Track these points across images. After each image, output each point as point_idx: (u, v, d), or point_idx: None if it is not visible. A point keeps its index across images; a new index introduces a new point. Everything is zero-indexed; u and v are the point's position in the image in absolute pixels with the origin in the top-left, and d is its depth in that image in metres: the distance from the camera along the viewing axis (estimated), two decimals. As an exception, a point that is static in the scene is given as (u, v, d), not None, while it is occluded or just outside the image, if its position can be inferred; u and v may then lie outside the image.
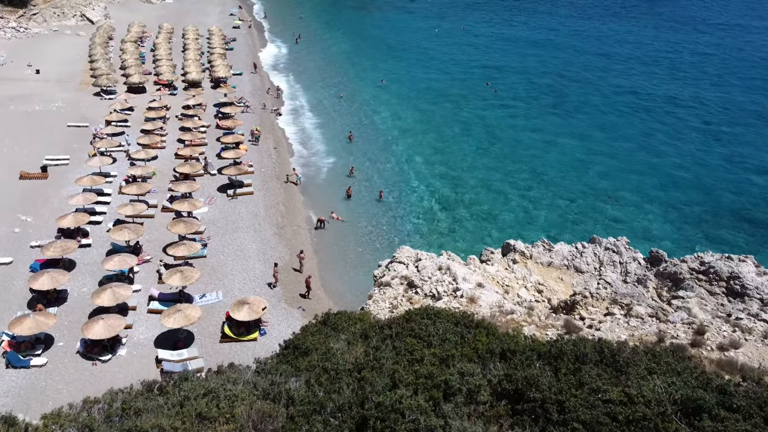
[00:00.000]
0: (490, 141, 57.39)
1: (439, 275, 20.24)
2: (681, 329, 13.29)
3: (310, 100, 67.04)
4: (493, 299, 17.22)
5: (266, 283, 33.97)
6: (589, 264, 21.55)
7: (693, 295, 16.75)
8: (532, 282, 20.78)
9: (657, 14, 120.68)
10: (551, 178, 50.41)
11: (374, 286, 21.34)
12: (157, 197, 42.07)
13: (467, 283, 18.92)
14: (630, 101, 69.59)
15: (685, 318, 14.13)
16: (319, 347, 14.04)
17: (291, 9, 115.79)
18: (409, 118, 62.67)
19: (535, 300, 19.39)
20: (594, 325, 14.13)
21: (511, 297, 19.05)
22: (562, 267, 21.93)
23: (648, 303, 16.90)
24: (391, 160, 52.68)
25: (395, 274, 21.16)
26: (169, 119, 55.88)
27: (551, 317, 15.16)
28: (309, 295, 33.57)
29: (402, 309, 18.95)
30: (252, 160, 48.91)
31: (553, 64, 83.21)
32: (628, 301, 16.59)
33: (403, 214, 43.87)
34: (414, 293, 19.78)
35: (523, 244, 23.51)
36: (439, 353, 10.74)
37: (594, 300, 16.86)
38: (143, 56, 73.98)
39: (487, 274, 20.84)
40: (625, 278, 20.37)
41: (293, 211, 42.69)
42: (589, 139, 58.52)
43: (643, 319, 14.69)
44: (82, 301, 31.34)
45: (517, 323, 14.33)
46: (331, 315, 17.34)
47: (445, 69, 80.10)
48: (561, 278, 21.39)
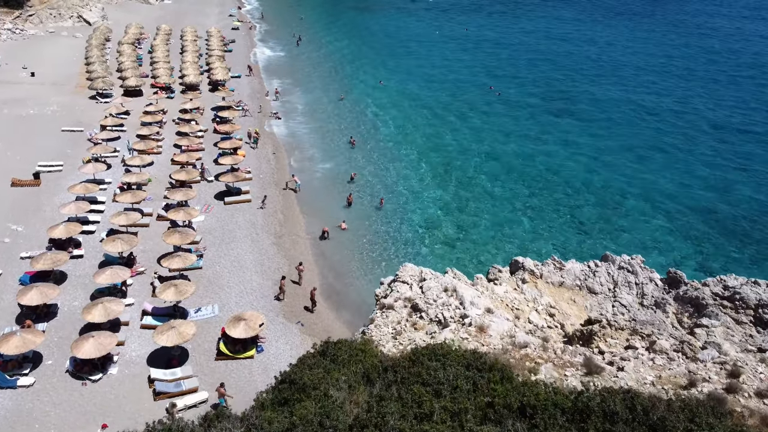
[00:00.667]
0: (494, 146, 56.23)
1: (445, 298, 19.12)
2: (712, 370, 12.19)
3: (310, 103, 65.91)
4: (504, 328, 16.10)
5: (273, 296, 32.80)
6: (602, 285, 20.42)
7: (718, 324, 15.62)
8: (543, 305, 19.65)
9: (662, 15, 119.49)
10: (556, 185, 49.25)
11: (376, 307, 20.21)
12: (152, 205, 40.96)
13: (475, 308, 17.79)
14: (636, 104, 68.40)
15: (715, 356, 13.02)
16: (318, 385, 12.93)
17: (291, 9, 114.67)
18: (411, 122, 61.55)
19: (548, 325, 18.26)
20: (615, 362, 13.00)
21: (522, 323, 17.93)
22: (575, 287, 20.80)
23: (670, 332, 15.78)
24: (392, 165, 51.54)
25: (398, 296, 20.03)
26: (165, 123, 54.76)
27: (568, 351, 14.02)
28: (314, 308, 32.46)
29: (406, 336, 17.85)
30: (250, 165, 47.79)
31: (557, 67, 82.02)
32: (648, 331, 15.47)
33: (405, 223, 42.72)
34: (419, 317, 18.66)
35: (533, 262, 22.38)
36: (450, 406, 9.63)
37: (612, 330, 15.73)
38: (140, 58, 72.86)
39: (496, 296, 19.71)
40: (642, 300, 19.24)
41: (292, 219, 41.55)
42: (594, 145, 57.32)
43: (668, 355, 13.57)
44: (72, 315, 30.21)
45: (532, 360, 13.21)
46: (330, 345, 16.24)
47: (447, 72, 78.92)
48: (573, 300, 20.26)
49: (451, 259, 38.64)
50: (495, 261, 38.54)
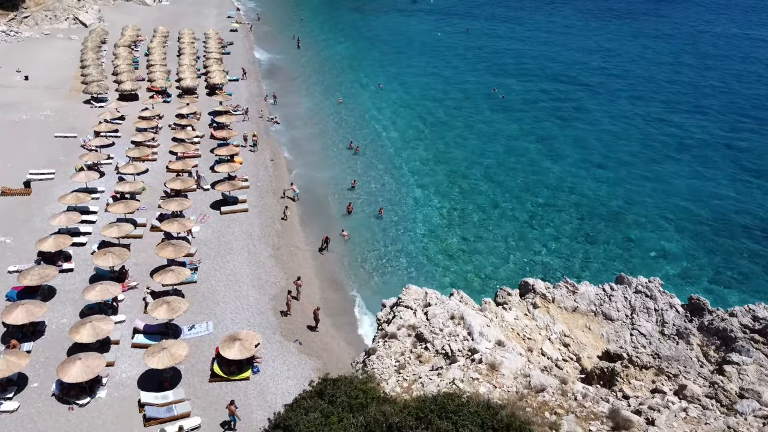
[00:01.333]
0: (498, 152, 54.95)
1: (452, 326, 17.85)
2: (755, 426, 10.96)
3: (310, 107, 64.64)
4: (517, 365, 14.84)
5: (279, 311, 31.55)
6: (619, 311, 19.16)
7: (750, 362, 14.37)
8: (557, 333, 18.38)
9: (671, 16, 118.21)
10: (561, 193, 47.98)
11: (378, 335, 18.92)
12: (146, 215, 39.71)
13: (485, 340, 16.52)
14: (643, 108, 67.12)
15: (756, 409, 11.78)
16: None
17: (291, 11, 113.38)
18: (413, 126, 60.30)
19: (563, 358, 16.99)
20: (644, 411, 11.74)
21: (536, 356, 16.65)
22: (589, 313, 19.53)
23: (698, 370, 14.52)
24: (393, 172, 50.27)
25: (402, 323, 18.75)
26: (161, 128, 53.52)
27: (590, 396, 12.75)
28: (317, 327, 31.23)
29: (410, 369, 16.57)
30: (247, 173, 46.53)
31: (560, 68, 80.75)
32: (675, 370, 14.22)
33: (407, 234, 41.44)
34: (424, 348, 17.38)
35: (543, 284, 21.10)
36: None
37: (636, 370, 14.48)
38: (137, 61, 71.61)
39: (506, 324, 18.44)
40: (663, 329, 17.98)
41: (290, 229, 40.27)
42: (600, 152, 56.04)
43: (701, 402, 12.33)
44: (60, 334, 28.95)
45: (551, 409, 11.95)
46: (328, 383, 14.98)
47: (449, 74, 77.65)
48: (588, 327, 19.00)
49: (454, 272, 37.41)
50: (498, 273, 37.38)
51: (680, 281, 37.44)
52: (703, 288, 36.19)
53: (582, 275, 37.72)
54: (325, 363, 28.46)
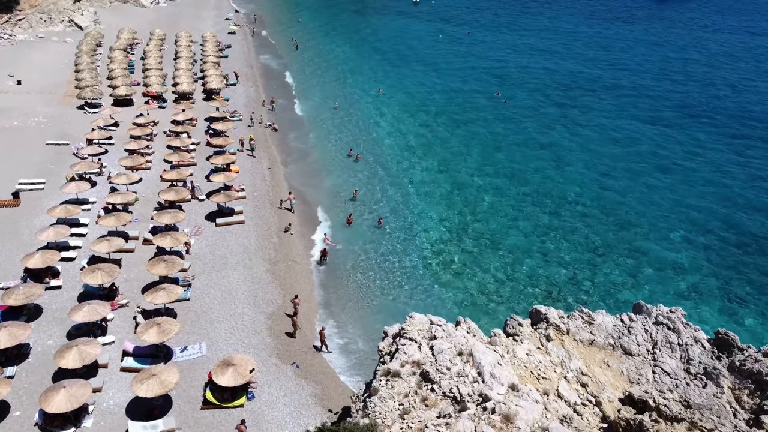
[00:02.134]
0: (501, 159, 53.56)
1: (460, 364, 16.50)
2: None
3: (308, 112, 63.29)
4: (534, 415, 13.50)
5: (284, 332, 30.29)
6: (639, 345, 17.80)
7: (791, 413, 12.98)
8: (574, 370, 17.02)
9: (672, 18, 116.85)
10: (567, 203, 46.60)
11: (379, 372, 17.56)
12: (138, 227, 38.35)
13: (497, 383, 15.16)
14: (654, 112, 65.74)
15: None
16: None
17: (290, 13, 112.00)
18: (413, 133, 58.91)
19: (581, 401, 15.62)
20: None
21: (553, 399, 15.28)
22: (607, 346, 18.17)
23: (734, 423, 13.16)
24: (394, 181, 48.86)
25: (405, 359, 17.41)
26: (156, 135, 52.17)
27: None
28: (325, 348, 29.95)
29: (415, 415, 15.21)
30: (244, 182, 45.17)
31: (563, 72, 79.38)
32: (710, 424, 12.88)
33: (409, 246, 40.06)
34: (430, 390, 16.03)
35: (557, 313, 19.74)
36: None
37: (667, 425, 13.11)
38: (132, 65, 70.25)
39: (519, 361, 17.07)
40: (688, 367, 16.60)
41: (287, 243, 38.89)
42: (607, 158, 54.65)
43: (743, 468, 11.01)
44: (46, 356, 27.59)
45: (576, 479, 10.58)
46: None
47: (450, 78, 76.24)
48: (607, 363, 17.63)
49: (458, 288, 36.03)
50: (504, 289, 36.02)
51: (694, 297, 36.09)
52: (718, 308, 34.87)
53: (591, 290, 36.42)
54: (324, 389, 27.11)
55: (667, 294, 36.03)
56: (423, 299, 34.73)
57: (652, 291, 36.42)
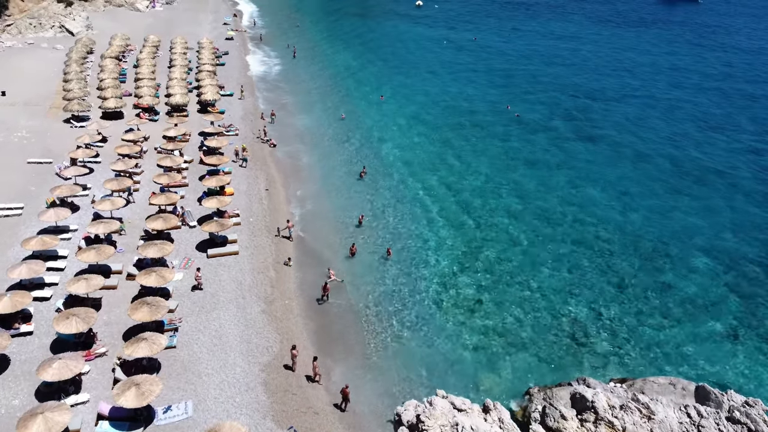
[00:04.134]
0: (514, 179, 50.19)
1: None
2: None
3: (309, 125, 59.95)
4: None
5: (281, 388, 26.97)
6: (715, 451, 14.45)
7: None
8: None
9: (684, 23, 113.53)
10: (586, 229, 43.29)
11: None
12: (123, 259, 35.07)
13: None
14: (675, 126, 62.48)
15: None
16: None
17: (289, 17, 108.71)
18: (420, 148, 55.59)
19: None
20: None
21: None
22: (673, 451, 14.84)
23: None
24: (401, 202, 45.57)
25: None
26: (146, 152, 48.90)
27: None
28: (346, 407, 26.78)
29: None
30: (239, 205, 41.87)
31: (574, 80, 76.11)
32: None
33: (418, 280, 36.71)
34: None
35: (605, 400, 16.45)
36: None
37: None
38: (124, 74, 66.98)
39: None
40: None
41: (285, 277, 35.57)
42: (626, 176, 51.36)
43: None
44: (10, 420, 24.31)
45: None
46: None
47: (458, 88, 73.01)
48: (675, 475, 14.29)
49: (474, 330, 32.71)
50: (523, 331, 32.76)
51: (731, 342, 32.76)
52: (761, 350, 31.55)
53: (618, 331, 33.14)
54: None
55: (703, 338, 32.78)
56: (436, 345, 31.45)
57: (687, 334, 33.14)
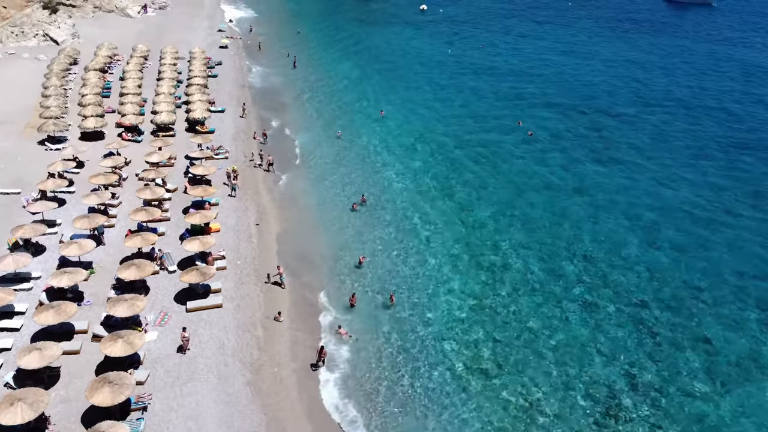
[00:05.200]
0: (529, 210, 45.56)
1: None
2: None
3: (305, 145, 55.41)
4: None
5: None
6: None
7: None
8: None
9: (698, 30, 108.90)
10: (614, 268, 38.86)
11: None
12: (90, 314, 30.74)
13: None
14: (696, 146, 57.94)
15: None
16: None
17: (288, 23, 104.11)
18: (424, 170, 51.02)
19: None
20: None
21: None
22: None
23: None
24: (404, 238, 41.08)
25: None
26: (126, 179, 44.55)
27: None
28: None
29: None
30: (225, 245, 37.44)
31: (589, 93, 71.55)
32: None
33: (425, 334, 32.29)
34: None
35: None
36: None
37: None
38: (109, 87, 62.59)
39: None
40: None
41: (275, 336, 31.13)
42: (650, 205, 46.87)
43: None
44: None
45: None
46: None
47: (464, 101, 68.48)
48: None
49: (491, 400, 28.33)
50: (549, 406, 28.49)
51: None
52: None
53: (659, 402, 28.68)
54: None
55: (763, 410, 28.35)
56: (447, 422, 27.05)
57: (740, 405, 28.72)
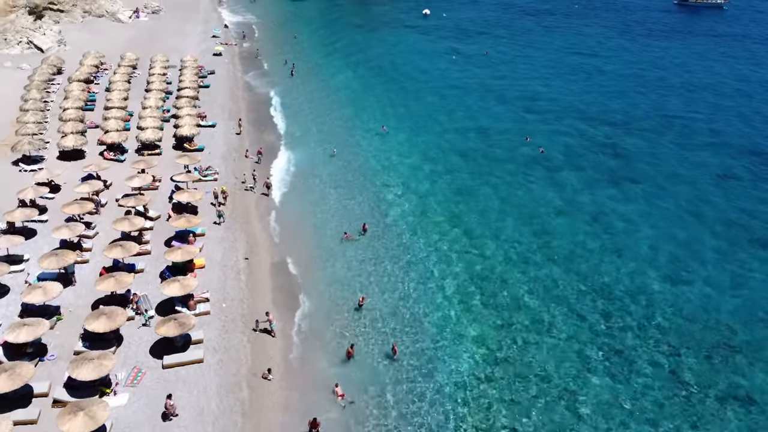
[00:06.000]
0: (543, 240, 41.90)
1: None
2: None
3: (300, 165, 51.71)
4: None
5: None
6: None
7: None
8: None
9: (715, 32, 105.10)
10: (637, 306, 35.31)
11: None
12: (53, 370, 27.16)
13: None
14: (722, 164, 54.26)
15: None
16: None
17: (285, 27, 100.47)
18: (431, 198, 47.13)
19: None
20: None
21: None
22: None
23: None
24: (407, 277, 37.35)
25: None
26: (105, 205, 41.00)
27: None
28: None
29: None
30: (210, 282, 33.83)
31: (602, 104, 67.85)
32: None
33: (433, 392, 28.70)
34: None
35: None
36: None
37: None
38: (93, 99, 59.04)
39: None
40: None
41: (263, 397, 27.48)
42: (677, 234, 43.27)
43: None
44: None
45: None
46: None
47: (470, 114, 64.83)
48: None
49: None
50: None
51: None
52: None
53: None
54: None
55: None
56: None
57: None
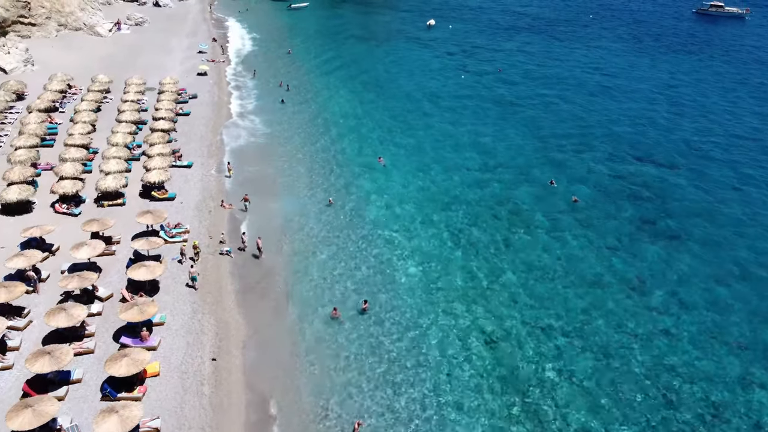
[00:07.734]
0: (581, 323, 34.37)
1: None
2: None
3: (289, 215, 43.90)
4: None
5: None
6: None
7: None
8: None
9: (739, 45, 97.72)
10: (685, 397, 27.79)
11: None
12: None
13: None
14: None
15: None
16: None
17: (279, 41, 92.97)
18: (441, 259, 39.58)
19: None
20: None
21: None
22: None
23: None
24: (416, 375, 29.87)
25: None
26: (47, 279, 33.55)
27: None
28: None
29: None
30: (164, 402, 26.24)
31: (642, 136, 60.35)
32: None
33: None
34: None
35: None
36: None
37: None
38: (55, 132, 51.60)
39: None
40: None
41: None
42: (740, 311, 35.84)
43: None
44: None
45: None
46: None
47: (483, 148, 57.29)
48: None
49: None
50: None
51: None
52: None
53: None
54: None
55: None
56: None
57: None
